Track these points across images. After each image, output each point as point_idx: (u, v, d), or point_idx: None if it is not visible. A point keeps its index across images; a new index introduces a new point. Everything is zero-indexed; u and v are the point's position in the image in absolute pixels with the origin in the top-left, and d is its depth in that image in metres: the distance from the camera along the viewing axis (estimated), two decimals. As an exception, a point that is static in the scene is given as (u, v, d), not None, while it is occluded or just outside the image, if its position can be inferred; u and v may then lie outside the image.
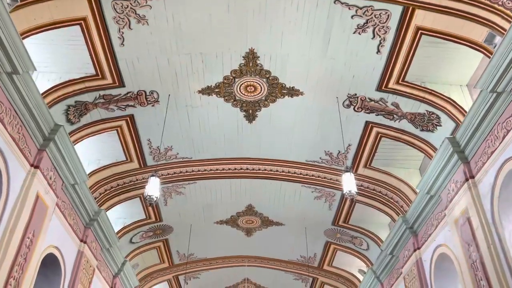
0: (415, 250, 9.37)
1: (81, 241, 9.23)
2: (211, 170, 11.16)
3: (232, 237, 14.24)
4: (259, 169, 11.21)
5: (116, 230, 11.81)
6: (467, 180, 7.13)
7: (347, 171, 7.69)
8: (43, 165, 7.19)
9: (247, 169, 11.20)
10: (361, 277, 13.96)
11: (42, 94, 7.39)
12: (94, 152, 9.83)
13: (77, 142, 8.88)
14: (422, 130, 8.67)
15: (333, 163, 10.61)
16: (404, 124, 8.83)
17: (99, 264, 10.41)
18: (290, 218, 13.02)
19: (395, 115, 8.77)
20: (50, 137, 7.24)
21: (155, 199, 7.46)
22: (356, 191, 7.47)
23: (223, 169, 11.17)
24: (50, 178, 7.51)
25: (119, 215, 12.07)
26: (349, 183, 7.53)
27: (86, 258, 9.36)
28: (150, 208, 12.15)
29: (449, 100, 7.85)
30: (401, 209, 10.41)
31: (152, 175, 7.67)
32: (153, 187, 7.50)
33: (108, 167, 10.15)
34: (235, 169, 11.18)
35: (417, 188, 8.68)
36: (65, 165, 7.81)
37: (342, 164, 10.57)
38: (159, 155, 10.41)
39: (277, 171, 11.19)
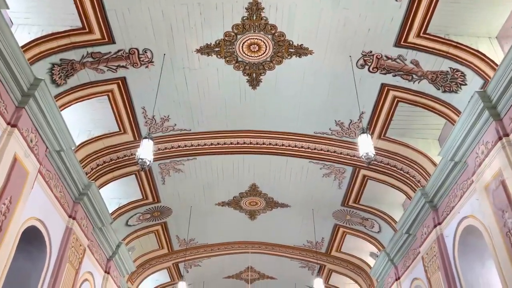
0: (435, 226, 8.54)
1: (70, 216, 8.44)
2: (211, 144, 10.34)
3: (234, 221, 13.44)
4: (263, 143, 10.38)
5: (110, 211, 11.03)
6: (500, 139, 6.28)
7: (363, 133, 6.86)
8: (22, 124, 6.38)
9: (250, 143, 10.38)
10: (372, 262, 13.15)
11: (22, 48, 6.62)
12: (84, 121, 9.02)
13: (65, 108, 8.09)
14: (444, 91, 7.83)
15: (344, 134, 9.77)
16: (424, 86, 8.00)
17: (90, 245, 9.62)
18: (297, 198, 12.20)
19: (414, 75, 7.93)
20: (30, 92, 6.43)
21: (148, 163, 6.65)
22: (374, 153, 6.64)
23: (224, 143, 10.35)
24: (31, 141, 6.71)
25: (114, 195, 11.28)
26: (365, 145, 6.70)
27: (75, 235, 8.56)
28: (147, 188, 11.34)
29: (477, 54, 7.01)
30: (418, 184, 9.56)
31: (145, 137, 6.86)
32: (145, 150, 6.70)
33: (100, 139, 9.34)
34: (237, 143, 10.36)
35: (440, 155, 7.83)
36: (48, 127, 7.00)
37: (353, 136, 9.73)
38: (155, 126, 9.59)
39: (283, 145, 10.36)
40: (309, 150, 10.36)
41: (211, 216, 13.08)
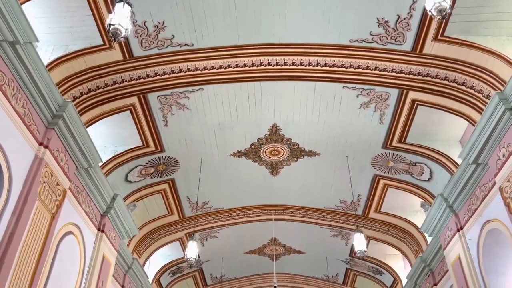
0: (521, 141, 6.35)
1: (41, 144, 6.57)
2: (220, 67, 8.37)
3: (253, 177, 11.41)
4: (284, 63, 8.35)
5: (104, 160, 9.19)
6: None
7: (430, -20, 4.76)
8: None
9: (268, 63, 8.36)
10: (420, 220, 10.95)
11: None
12: (59, 30, 7.14)
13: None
14: None
15: (389, 39, 7.65)
16: None
17: (75, 191, 7.76)
18: (327, 143, 10.11)
19: None
20: None
21: (124, 32, 4.74)
22: (450, 3, 4.52)
23: (236, 65, 8.35)
24: (-35, 14, 4.86)
25: (107, 142, 9.45)
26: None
27: (49, 170, 6.69)
28: (146, 131, 9.43)
29: None
30: (486, 101, 7.38)
31: (120, 1, 4.93)
32: (120, 15, 4.77)
33: (80, 55, 7.45)
34: (252, 64, 8.35)
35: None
36: (-11, -2, 5.15)
37: (401, 41, 7.61)
38: (149, 39, 7.67)
39: (310, 64, 8.30)
40: (344, 69, 8.28)
41: (226, 171, 11.10)
